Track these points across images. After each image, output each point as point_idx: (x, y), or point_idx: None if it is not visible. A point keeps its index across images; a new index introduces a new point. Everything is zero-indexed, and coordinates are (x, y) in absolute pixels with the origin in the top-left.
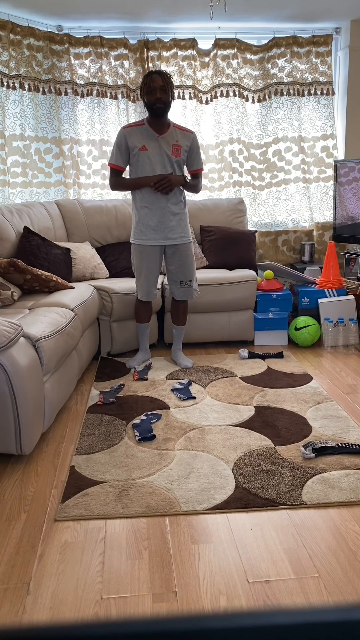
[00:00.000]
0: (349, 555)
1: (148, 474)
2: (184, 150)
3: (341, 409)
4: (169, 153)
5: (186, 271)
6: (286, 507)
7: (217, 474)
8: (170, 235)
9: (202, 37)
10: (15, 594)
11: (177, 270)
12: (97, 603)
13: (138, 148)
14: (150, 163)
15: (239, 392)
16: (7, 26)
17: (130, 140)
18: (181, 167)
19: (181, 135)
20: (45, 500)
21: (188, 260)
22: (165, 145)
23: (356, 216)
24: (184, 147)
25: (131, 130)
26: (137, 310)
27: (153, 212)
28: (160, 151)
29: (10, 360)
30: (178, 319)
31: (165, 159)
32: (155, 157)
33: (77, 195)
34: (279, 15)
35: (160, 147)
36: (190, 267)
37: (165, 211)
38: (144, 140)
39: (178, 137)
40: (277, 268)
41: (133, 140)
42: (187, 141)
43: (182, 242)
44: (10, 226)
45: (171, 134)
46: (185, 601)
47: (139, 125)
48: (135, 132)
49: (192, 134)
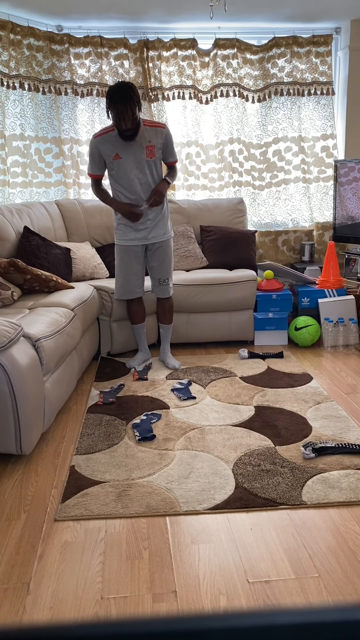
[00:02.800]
0: (349, 555)
1: (148, 474)
2: (157, 148)
3: (341, 409)
4: (143, 156)
5: (164, 268)
6: (286, 507)
7: (217, 474)
8: (151, 234)
9: (202, 37)
10: (15, 594)
11: (156, 267)
12: (97, 603)
13: (111, 157)
14: (126, 170)
15: (239, 392)
16: (7, 26)
17: (102, 149)
18: (158, 165)
19: (152, 133)
20: (45, 500)
21: (167, 257)
22: (138, 149)
23: (356, 216)
24: (157, 146)
25: (102, 139)
26: (129, 311)
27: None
28: (134, 156)
29: (10, 360)
30: (164, 317)
31: (140, 162)
32: (130, 164)
33: (77, 195)
34: (279, 15)
35: (133, 152)
36: (168, 264)
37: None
38: (116, 148)
39: (150, 137)
40: (277, 268)
41: (105, 150)
42: (159, 138)
43: (164, 239)
44: (10, 226)
45: (142, 135)
46: (185, 601)
47: (109, 131)
48: (106, 140)
49: (163, 128)
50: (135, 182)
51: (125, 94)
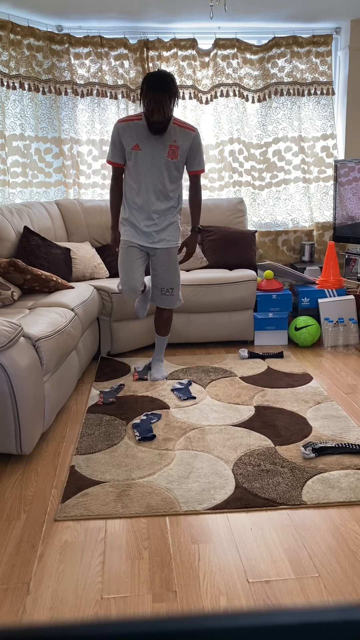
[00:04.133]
0: (349, 555)
1: (148, 474)
2: (182, 151)
3: (341, 409)
4: (164, 155)
5: (167, 278)
6: (286, 507)
7: (217, 474)
8: (157, 238)
9: (202, 37)
10: (15, 594)
11: (159, 275)
12: (97, 603)
13: (131, 147)
14: (143, 164)
15: (239, 392)
16: (7, 26)
17: (124, 136)
18: (179, 169)
19: (181, 133)
20: (45, 500)
21: (171, 266)
22: (161, 146)
23: (356, 216)
24: (182, 148)
25: (126, 125)
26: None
27: (142, 215)
28: (155, 152)
29: (10, 360)
30: (160, 328)
31: (159, 160)
32: (148, 159)
33: (77, 195)
34: (279, 15)
35: (154, 147)
36: (172, 273)
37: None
38: (137, 139)
39: (177, 136)
40: (277, 268)
41: (126, 137)
42: (186, 140)
43: (168, 246)
44: (10, 226)
45: (169, 132)
46: (185, 601)
47: (135, 119)
48: (130, 127)
49: (193, 131)
50: (148, 181)
51: (165, 83)
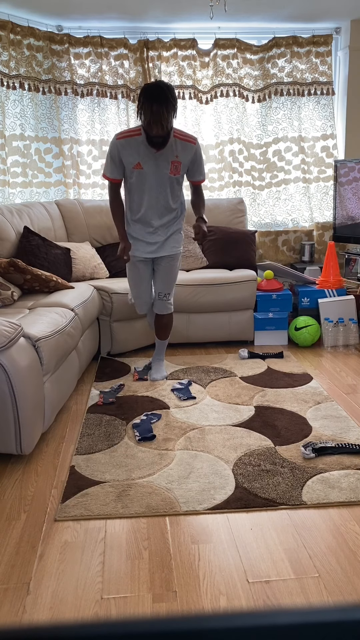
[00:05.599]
0: (349, 555)
1: (148, 474)
2: (183, 165)
3: (341, 409)
4: (167, 172)
5: (166, 282)
6: (286, 507)
7: (217, 474)
8: (162, 248)
9: (202, 37)
10: (15, 594)
11: (159, 280)
12: (97, 603)
13: (132, 165)
14: (146, 182)
15: (239, 392)
16: (7, 26)
17: (124, 154)
18: (180, 182)
19: (182, 147)
20: (45, 500)
21: (172, 272)
22: (164, 163)
23: (356, 216)
24: (184, 163)
25: (125, 142)
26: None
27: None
28: (157, 169)
29: (10, 360)
30: (159, 332)
31: (162, 178)
32: (151, 177)
33: (77, 195)
34: (279, 15)
35: (157, 165)
36: (171, 279)
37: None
38: (139, 157)
39: (178, 151)
40: (277, 268)
41: (127, 155)
42: (188, 154)
43: (172, 253)
44: (10, 226)
45: (170, 147)
46: (185, 601)
47: (134, 135)
48: (130, 144)
49: (194, 144)
50: (151, 200)
51: (163, 95)
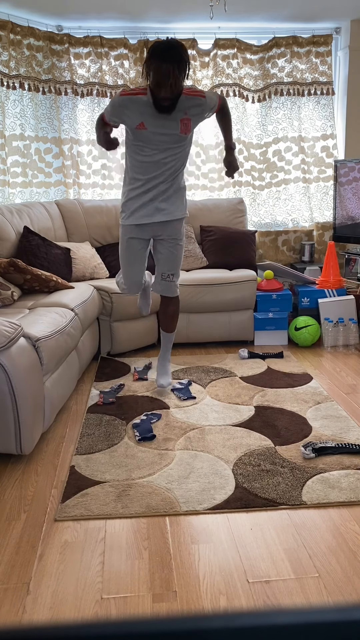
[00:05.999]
0: (349, 555)
1: (148, 474)
2: (194, 122)
3: (341, 409)
4: (177, 132)
5: (171, 262)
6: (286, 507)
7: (217, 474)
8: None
9: (202, 37)
10: (15, 594)
11: (162, 259)
12: (97, 603)
13: (135, 124)
14: (149, 145)
15: (239, 392)
16: (7, 26)
17: (126, 112)
18: (189, 143)
19: (190, 103)
20: (45, 500)
21: (177, 253)
22: (172, 123)
23: (356, 216)
24: (194, 119)
25: (128, 99)
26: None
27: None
28: (165, 130)
29: (10, 360)
30: (166, 323)
31: (171, 138)
32: (157, 138)
33: (77, 195)
34: (279, 15)
35: (164, 125)
36: (176, 259)
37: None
38: (142, 116)
39: (187, 107)
40: (277, 268)
41: (129, 113)
42: (197, 108)
43: (177, 217)
44: (10, 226)
45: (179, 106)
46: (185, 601)
47: (140, 94)
48: (133, 102)
49: (203, 97)
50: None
51: (175, 53)
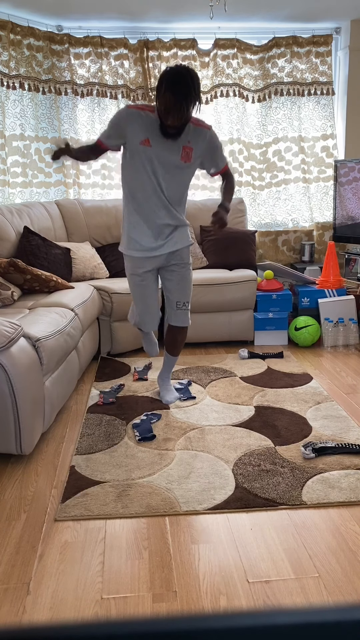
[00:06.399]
0: (349, 555)
1: (148, 474)
2: (196, 154)
3: (341, 409)
4: (177, 157)
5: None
6: (286, 507)
7: (217, 474)
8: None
9: (202, 37)
10: (15, 594)
11: (174, 288)
12: (97, 603)
13: (140, 140)
14: (151, 165)
15: (239, 392)
16: (7, 26)
17: (133, 125)
18: (190, 174)
19: (194, 133)
20: (45, 500)
21: (187, 278)
22: (174, 147)
23: (356, 216)
24: (196, 150)
25: (136, 113)
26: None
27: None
28: (166, 153)
29: (10, 360)
30: (173, 348)
31: (171, 162)
32: (159, 159)
33: (77, 195)
34: (279, 15)
35: (167, 147)
36: (187, 285)
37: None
38: (147, 132)
39: (190, 137)
40: (277, 268)
41: (135, 128)
42: (201, 141)
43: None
44: (10, 226)
45: (184, 133)
46: (185, 601)
47: (147, 110)
48: (141, 117)
49: (208, 130)
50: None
51: (185, 85)
